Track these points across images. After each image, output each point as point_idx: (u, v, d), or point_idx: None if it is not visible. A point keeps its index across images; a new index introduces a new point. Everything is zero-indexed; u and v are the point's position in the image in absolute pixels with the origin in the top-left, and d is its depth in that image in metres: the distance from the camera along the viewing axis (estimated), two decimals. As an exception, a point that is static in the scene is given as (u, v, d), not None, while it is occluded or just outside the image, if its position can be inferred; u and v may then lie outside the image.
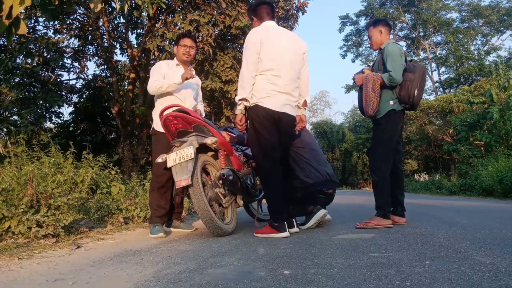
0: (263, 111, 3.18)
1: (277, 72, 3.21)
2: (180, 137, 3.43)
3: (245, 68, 3.21)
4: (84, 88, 12.01)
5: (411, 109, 3.74)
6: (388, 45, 3.69)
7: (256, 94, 3.19)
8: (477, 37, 31.56)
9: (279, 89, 3.21)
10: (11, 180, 3.97)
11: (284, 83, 3.24)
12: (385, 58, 3.64)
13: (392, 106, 3.63)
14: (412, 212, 4.80)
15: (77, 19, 9.99)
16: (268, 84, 3.19)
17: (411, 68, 3.65)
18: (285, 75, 3.24)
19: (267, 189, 3.36)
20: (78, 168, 5.28)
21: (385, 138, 3.67)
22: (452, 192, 13.07)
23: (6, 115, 9.31)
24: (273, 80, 3.20)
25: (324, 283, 1.71)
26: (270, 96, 3.18)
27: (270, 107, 3.17)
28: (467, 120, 15.30)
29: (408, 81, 3.59)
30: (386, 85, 3.59)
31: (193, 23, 7.79)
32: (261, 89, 3.19)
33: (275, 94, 3.19)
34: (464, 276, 1.73)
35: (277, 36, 3.31)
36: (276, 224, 3.18)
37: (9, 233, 3.15)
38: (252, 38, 3.23)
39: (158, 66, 3.86)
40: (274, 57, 3.21)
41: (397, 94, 3.62)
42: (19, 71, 8.32)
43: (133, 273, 2.04)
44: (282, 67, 3.23)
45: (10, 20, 2.45)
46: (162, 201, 3.71)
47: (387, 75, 3.55)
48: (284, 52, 3.26)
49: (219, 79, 8.54)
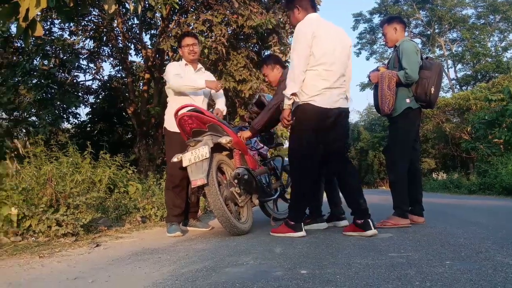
0: (313, 111, 3.03)
1: (329, 67, 3.06)
2: (195, 137, 3.44)
3: (296, 62, 3.03)
4: (100, 89, 12.17)
5: (428, 107, 3.69)
6: (403, 42, 3.64)
7: (307, 92, 3.03)
8: (494, 33, 31.00)
9: (331, 85, 3.06)
10: (31, 179, 4.05)
11: (336, 78, 3.10)
12: (401, 55, 3.59)
13: (409, 104, 3.57)
14: (431, 211, 4.73)
15: (92, 20, 10.13)
16: (320, 80, 3.03)
17: (427, 65, 3.59)
18: (336, 70, 3.10)
19: (298, 188, 3.18)
20: (96, 167, 5.35)
21: (402, 136, 3.62)
22: (471, 191, 12.85)
23: (25, 116, 9.48)
24: (325, 76, 3.04)
25: (342, 283, 1.69)
26: (323, 94, 3.03)
27: (323, 106, 3.03)
28: (485, 118, 15.02)
29: (425, 78, 3.53)
30: (402, 83, 3.54)
31: (206, 23, 7.83)
32: (312, 85, 3.03)
33: (327, 91, 3.04)
34: (486, 277, 1.70)
35: (327, 29, 3.15)
36: (293, 224, 3.12)
37: (30, 231, 3.21)
38: (304, 30, 3.05)
39: (174, 66, 3.88)
40: (326, 51, 3.05)
41: (414, 92, 3.57)
42: (37, 72, 8.46)
43: (151, 272, 2.05)
44: (334, 61, 3.09)
45: (27, 22, 2.49)
46: (177, 200, 3.73)
47: (403, 73, 3.50)
48: (335, 45, 3.12)
49: (232, 78, 8.55)
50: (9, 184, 3.52)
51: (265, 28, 8.11)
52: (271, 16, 8.07)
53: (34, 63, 8.58)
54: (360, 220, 3.05)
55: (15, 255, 2.59)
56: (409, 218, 3.57)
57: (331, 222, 3.75)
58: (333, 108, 3.07)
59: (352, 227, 3.13)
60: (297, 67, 3.02)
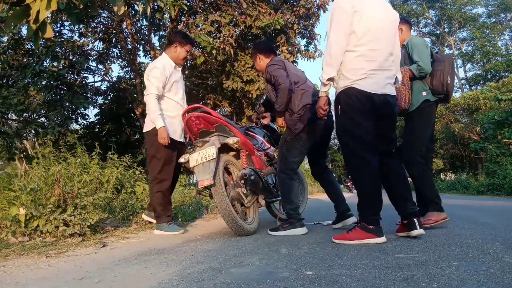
0: (359, 95, 2.67)
1: (374, 46, 2.69)
2: (202, 137, 3.45)
3: (334, 41, 2.66)
4: (108, 90, 12.25)
5: (445, 99, 3.59)
6: (412, 39, 3.61)
7: (349, 75, 2.69)
8: (504, 32, 30.68)
9: (378, 66, 2.70)
10: (39, 180, 4.08)
11: (383, 59, 2.72)
12: (410, 50, 3.53)
13: (426, 96, 3.49)
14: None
15: (101, 22, 10.21)
16: (364, 62, 2.68)
17: (439, 58, 3.56)
18: (383, 49, 2.72)
19: (363, 184, 2.80)
20: (104, 168, 5.38)
21: (420, 130, 3.50)
22: (480, 192, 12.73)
23: (34, 117, 9.58)
24: (371, 56, 2.69)
25: (348, 284, 1.68)
26: (369, 77, 2.67)
27: (370, 90, 2.67)
28: (495, 118, 14.89)
29: (439, 70, 3.47)
30: (415, 77, 3.47)
31: (214, 24, 7.84)
32: (356, 68, 2.68)
33: (374, 74, 2.69)
34: (494, 278, 1.68)
35: (373, 2, 2.77)
36: (372, 227, 2.70)
37: (38, 231, 3.24)
38: (342, 5, 2.67)
39: (161, 74, 3.68)
40: (370, 27, 2.68)
41: (430, 85, 3.50)
42: (46, 74, 8.54)
43: (157, 272, 2.06)
44: (380, 39, 2.71)
45: (37, 24, 2.51)
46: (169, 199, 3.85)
47: (415, 66, 3.44)
48: (380, 21, 2.74)
49: (240, 79, 8.57)
50: (18, 185, 3.56)
51: (273, 28, 8.11)
52: (279, 17, 8.07)
53: (44, 64, 8.66)
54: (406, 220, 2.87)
55: (22, 255, 2.62)
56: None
57: (340, 223, 3.68)
58: (380, 93, 2.71)
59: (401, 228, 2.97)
60: (335, 48, 2.67)
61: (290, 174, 3.47)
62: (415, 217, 2.83)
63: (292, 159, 3.46)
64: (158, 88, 3.66)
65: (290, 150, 3.46)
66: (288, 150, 3.47)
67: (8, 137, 8.65)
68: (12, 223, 3.19)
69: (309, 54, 10.12)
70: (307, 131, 3.41)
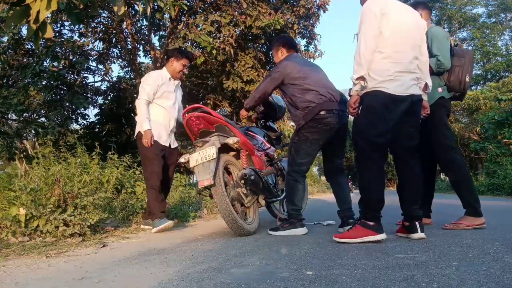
0: (384, 98, 2.73)
1: (399, 48, 2.77)
2: (202, 137, 3.45)
3: (363, 43, 2.74)
4: (108, 90, 12.25)
5: (460, 97, 3.46)
6: (432, 28, 3.39)
7: (376, 77, 2.75)
8: (505, 32, 30.68)
9: (403, 69, 2.77)
10: (39, 180, 4.08)
11: (408, 61, 2.79)
12: (430, 42, 3.30)
13: (441, 93, 3.34)
14: (438, 213, 4.68)
15: (101, 22, 10.21)
16: (390, 63, 2.75)
17: (459, 52, 3.37)
18: (408, 52, 2.81)
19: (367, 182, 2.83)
20: (104, 168, 5.38)
21: (441, 127, 3.37)
22: (480, 192, 12.71)
23: (34, 117, 9.58)
24: (396, 58, 2.76)
25: (348, 284, 1.68)
26: (394, 79, 2.74)
27: (395, 93, 2.73)
28: (495, 118, 14.90)
29: (458, 66, 3.30)
30: (433, 72, 3.26)
31: (214, 24, 7.84)
32: (382, 70, 2.74)
33: (400, 76, 2.75)
34: (494, 278, 1.68)
35: (397, 5, 2.85)
36: (372, 224, 2.73)
37: (38, 231, 3.23)
38: (371, 7, 2.77)
39: (153, 81, 3.98)
40: (397, 30, 2.77)
41: (446, 81, 3.35)
42: (46, 74, 8.54)
43: (157, 272, 2.06)
44: (405, 43, 2.80)
45: (37, 24, 2.51)
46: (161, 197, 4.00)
47: (434, 60, 3.26)
48: (407, 26, 2.83)
49: (240, 79, 8.58)
50: (18, 185, 3.56)
51: (273, 28, 8.11)
52: (279, 17, 8.07)
53: (44, 64, 8.65)
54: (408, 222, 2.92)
55: (22, 255, 2.61)
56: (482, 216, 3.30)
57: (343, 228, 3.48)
58: (405, 95, 2.77)
59: (402, 229, 3.02)
60: (364, 49, 2.73)
61: (295, 176, 3.43)
62: (417, 220, 2.86)
63: (300, 160, 3.43)
64: (148, 94, 3.93)
65: (298, 151, 3.44)
66: (296, 151, 3.45)
67: (8, 137, 8.64)
68: (12, 223, 3.19)
69: (309, 54, 10.13)
70: (312, 131, 3.37)
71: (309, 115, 3.34)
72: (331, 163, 3.72)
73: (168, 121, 4.05)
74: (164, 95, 4.03)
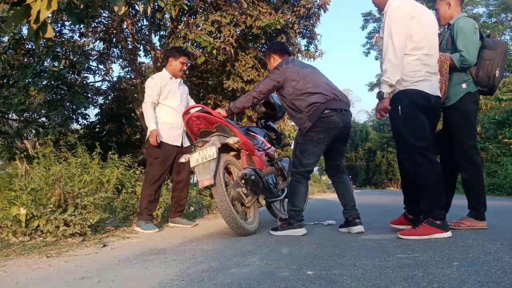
0: (419, 96, 2.81)
1: (428, 51, 2.86)
2: (202, 137, 3.45)
3: (396, 44, 2.78)
4: (109, 90, 12.25)
5: (489, 92, 3.29)
6: (459, 20, 3.21)
7: (407, 78, 2.82)
8: (505, 32, 30.68)
9: (432, 70, 2.87)
10: (40, 180, 4.08)
11: (435, 63, 2.93)
12: (455, 35, 3.17)
13: (466, 89, 3.16)
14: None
15: (102, 22, 10.20)
16: (421, 65, 2.83)
17: (490, 44, 3.16)
18: (435, 54, 2.93)
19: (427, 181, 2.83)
20: (104, 168, 5.38)
21: (467, 123, 3.20)
22: (480, 192, 12.71)
23: (35, 117, 9.58)
24: (426, 60, 2.85)
25: (348, 284, 1.68)
26: (426, 79, 2.82)
27: (428, 91, 2.82)
28: (496, 118, 14.88)
29: (488, 60, 3.11)
30: (456, 67, 3.14)
31: (215, 24, 7.84)
32: (414, 71, 2.82)
33: (430, 76, 2.85)
34: (494, 278, 1.68)
35: (423, 9, 2.94)
36: (439, 222, 2.78)
37: (38, 231, 3.24)
38: (401, 10, 2.83)
39: (155, 84, 4.02)
40: (426, 33, 2.86)
41: (474, 75, 3.15)
42: (47, 74, 8.54)
43: (158, 272, 2.06)
44: (433, 45, 2.91)
45: (37, 24, 2.51)
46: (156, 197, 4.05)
47: (458, 56, 3.10)
48: (432, 28, 2.92)
49: (240, 79, 8.58)
50: (18, 184, 3.56)
51: (274, 28, 8.10)
52: (279, 17, 8.07)
53: (45, 64, 8.66)
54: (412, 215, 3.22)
55: (23, 255, 2.62)
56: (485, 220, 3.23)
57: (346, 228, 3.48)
58: (434, 95, 2.87)
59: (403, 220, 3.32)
60: (396, 50, 2.77)
61: (299, 178, 3.41)
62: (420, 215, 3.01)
63: (306, 160, 3.39)
64: (152, 96, 3.98)
65: (303, 152, 3.40)
66: (301, 152, 3.42)
67: (8, 137, 8.66)
68: (13, 223, 3.19)
69: (309, 54, 10.12)
70: (317, 131, 3.32)
71: (314, 115, 3.28)
72: (334, 161, 3.69)
73: (179, 120, 4.02)
74: (169, 95, 4.06)
